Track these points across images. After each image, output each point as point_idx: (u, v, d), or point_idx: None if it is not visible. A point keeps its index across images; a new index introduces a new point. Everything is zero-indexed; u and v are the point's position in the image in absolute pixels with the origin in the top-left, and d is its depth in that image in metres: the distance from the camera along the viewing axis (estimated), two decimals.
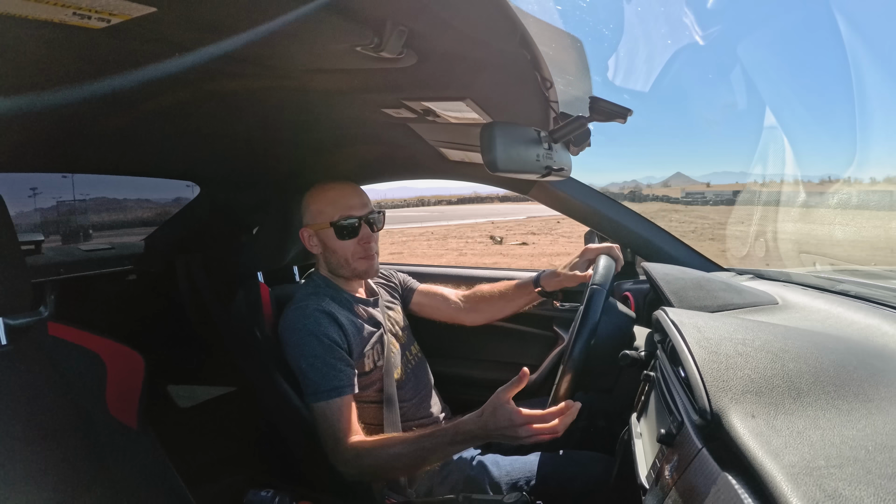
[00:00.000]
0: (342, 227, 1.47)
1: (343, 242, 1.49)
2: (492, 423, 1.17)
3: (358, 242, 1.49)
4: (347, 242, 1.49)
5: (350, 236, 1.48)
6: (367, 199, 1.53)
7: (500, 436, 1.16)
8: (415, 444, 1.25)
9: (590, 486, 1.37)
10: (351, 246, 1.49)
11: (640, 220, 1.88)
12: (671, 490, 0.77)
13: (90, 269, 1.93)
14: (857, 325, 1.08)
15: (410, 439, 1.26)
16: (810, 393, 0.75)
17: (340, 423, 1.32)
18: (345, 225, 1.47)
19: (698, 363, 0.81)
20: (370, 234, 1.51)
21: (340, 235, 1.48)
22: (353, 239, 1.49)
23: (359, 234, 1.49)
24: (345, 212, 1.47)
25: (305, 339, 1.38)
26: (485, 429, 1.18)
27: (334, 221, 1.47)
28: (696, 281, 1.40)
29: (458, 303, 1.83)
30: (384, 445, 1.28)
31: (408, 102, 1.09)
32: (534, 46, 0.76)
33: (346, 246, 1.49)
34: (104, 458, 0.96)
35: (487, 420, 1.18)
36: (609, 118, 0.97)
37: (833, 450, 0.61)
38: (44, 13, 0.60)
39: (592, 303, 1.27)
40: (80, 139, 1.25)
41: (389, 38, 0.73)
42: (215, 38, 0.76)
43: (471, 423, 1.20)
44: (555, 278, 1.70)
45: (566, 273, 1.66)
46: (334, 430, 1.32)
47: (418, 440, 1.25)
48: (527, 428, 1.14)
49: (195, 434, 1.97)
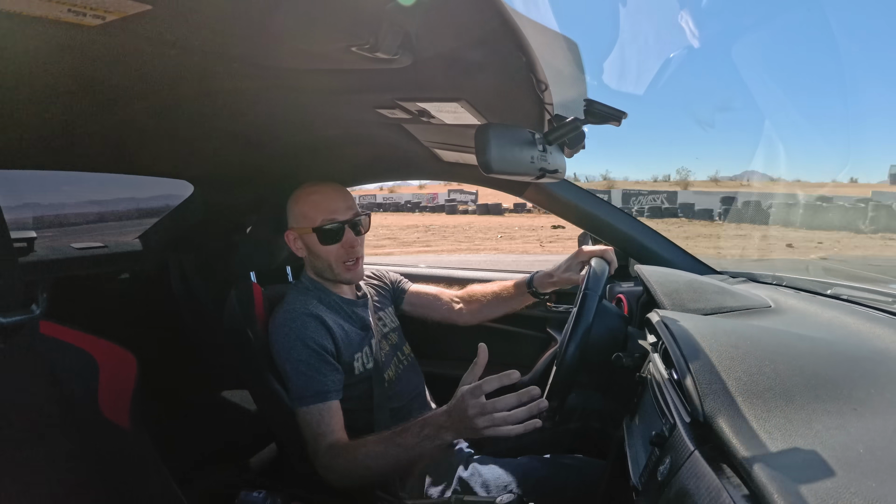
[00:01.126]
0: (325, 232, 1.46)
1: (326, 247, 1.48)
2: (457, 411, 1.16)
3: (342, 247, 1.48)
4: (331, 247, 1.48)
5: (333, 241, 1.47)
6: (352, 201, 1.51)
7: (466, 426, 1.15)
8: (388, 441, 1.24)
9: (583, 487, 1.37)
10: (335, 250, 1.48)
11: (633, 223, 1.89)
12: (663, 491, 0.77)
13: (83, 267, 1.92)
14: (849, 328, 1.09)
15: (384, 437, 1.26)
16: (802, 396, 0.75)
17: (321, 428, 1.32)
18: (328, 229, 1.46)
19: (690, 366, 0.82)
20: (354, 238, 1.49)
21: (323, 240, 1.47)
22: (337, 244, 1.48)
23: (342, 239, 1.48)
24: (328, 216, 1.46)
25: (292, 343, 1.38)
26: (451, 418, 1.17)
27: (317, 226, 1.46)
28: (689, 284, 1.40)
29: (450, 303, 1.83)
30: (358, 445, 1.28)
31: (402, 103, 1.09)
32: (529, 48, 0.76)
33: (330, 251, 1.48)
34: (96, 459, 0.96)
35: (453, 408, 1.17)
36: (604, 121, 0.97)
37: (824, 453, 0.62)
38: (38, 10, 0.60)
39: (586, 305, 1.27)
40: (72, 137, 1.24)
41: (385, 38, 0.73)
42: (210, 36, 0.76)
43: (440, 415, 1.20)
44: (548, 279, 1.70)
45: (560, 275, 1.66)
46: (315, 436, 1.32)
47: (391, 437, 1.24)
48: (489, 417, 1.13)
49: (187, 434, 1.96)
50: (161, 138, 1.34)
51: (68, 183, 1.82)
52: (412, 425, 1.23)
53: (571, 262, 1.66)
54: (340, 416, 1.36)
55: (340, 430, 1.34)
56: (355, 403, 1.43)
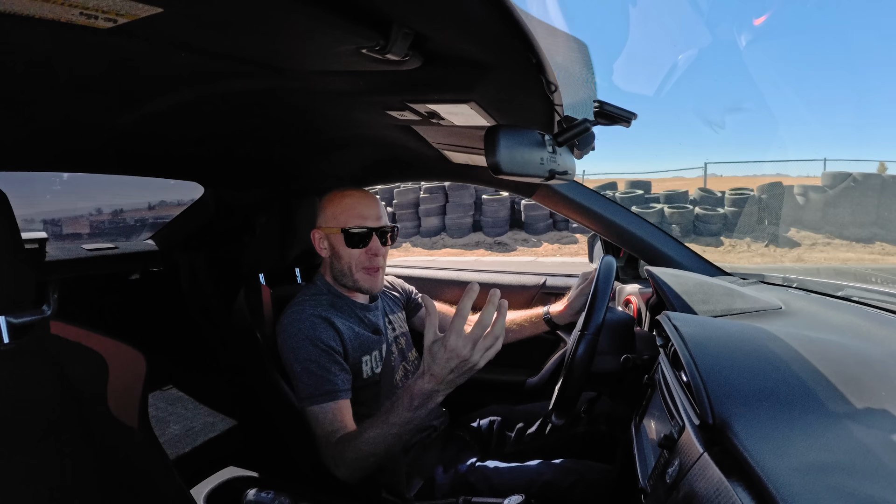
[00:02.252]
0: (352, 234, 1.48)
1: (351, 250, 1.49)
2: (436, 368, 1.12)
3: (365, 252, 1.49)
4: (355, 251, 1.49)
5: (359, 245, 1.49)
6: (383, 212, 1.54)
7: (453, 376, 1.12)
8: (382, 421, 1.22)
9: (590, 491, 1.37)
10: (357, 255, 1.49)
11: (643, 225, 1.88)
12: (672, 494, 0.77)
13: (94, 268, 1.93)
14: (860, 330, 1.08)
15: (378, 419, 1.23)
16: (812, 399, 0.75)
17: (334, 426, 1.32)
18: (355, 233, 1.48)
19: (700, 368, 0.81)
20: (379, 246, 1.51)
21: (350, 242, 1.48)
22: (362, 248, 1.49)
23: (368, 245, 1.49)
24: (358, 220, 1.48)
25: (301, 343, 1.38)
26: (434, 377, 1.13)
27: (346, 227, 1.48)
28: (700, 286, 1.40)
29: None
30: (358, 434, 1.27)
31: (412, 105, 1.09)
32: (539, 50, 0.76)
33: (353, 254, 1.49)
34: (105, 458, 0.96)
35: (431, 366, 1.13)
36: (614, 122, 0.97)
37: (833, 456, 0.61)
38: (51, 13, 0.60)
39: (595, 307, 1.27)
40: (85, 139, 1.25)
41: (395, 40, 0.73)
42: (221, 39, 0.77)
43: (420, 380, 1.16)
44: (569, 313, 1.73)
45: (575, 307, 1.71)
46: (327, 434, 1.32)
47: (384, 416, 1.22)
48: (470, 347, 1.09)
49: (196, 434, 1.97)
50: (172, 140, 1.35)
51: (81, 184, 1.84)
52: (398, 402, 1.20)
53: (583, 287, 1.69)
54: (351, 414, 1.36)
55: (352, 428, 1.34)
56: (362, 409, 1.43)
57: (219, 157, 1.59)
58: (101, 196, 2.50)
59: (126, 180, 1.79)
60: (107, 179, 1.86)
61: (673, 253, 1.85)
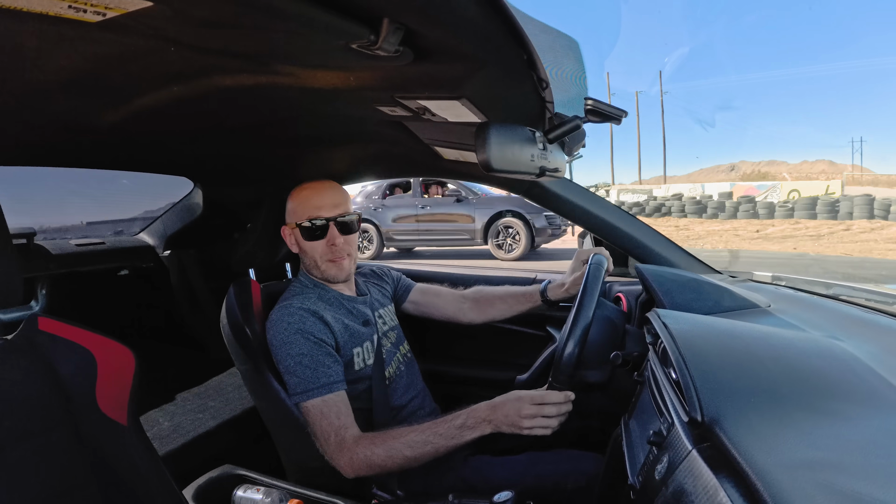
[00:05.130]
0: (307, 229, 1.48)
1: (311, 243, 1.49)
2: (507, 409, 1.25)
3: (325, 243, 1.49)
4: (315, 243, 1.49)
5: (316, 237, 1.48)
6: (342, 199, 1.52)
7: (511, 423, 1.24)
8: (427, 430, 1.28)
9: (581, 485, 1.38)
10: (319, 247, 1.49)
11: (634, 222, 1.89)
12: (661, 490, 0.77)
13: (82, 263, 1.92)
14: (847, 329, 1.09)
15: (423, 427, 1.29)
16: (799, 397, 0.75)
17: (340, 419, 1.32)
18: (309, 226, 1.47)
19: (689, 365, 0.82)
20: (337, 234, 1.49)
21: (307, 236, 1.48)
22: (321, 240, 1.48)
23: (326, 236, 1.48)
24: (313, 212, 1.47)
25: (291, 337, 1.37)
26: (496, 412, 1.25)
27: (300, 222, 1.48)
28: (689, 283, 1.40)
29: (457, 302, 1.82)
30: (395, 436, 1.29)
31: (403, 100, 1.08)
32: (530, 46, 0.76)
33: (314, 247, 1.49)
34: (94, 456, 0.96)
35: (501, 405, 1.26)
36: (604, 119, 0.98)
37: (820, 453, 0.62)
38: (38, 6, 0.60)
39: (584, 303, 1.27)
40: (74, 134, 1.24)
41: (386, 35, 0.72)
42: (211, 34, 0.76)
43: (484, 408, 1.27)
44: (561, 289, 1.71)
45: (571, 283, 1.69)
46: (335, 427, 1.31)
47: (430, 426, 1.29)
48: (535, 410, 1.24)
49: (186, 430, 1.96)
50: (161, 135, 1.34)
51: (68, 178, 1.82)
52: (452, 416, 1.28)
53: (576, 265, 1.67)
54: (349, 405, 1.36)
55: (354, 421, 1.34)
56: (356, 403, 1.42)
57: (208, 153, 1.58)
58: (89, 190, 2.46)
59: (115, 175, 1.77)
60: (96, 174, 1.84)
61: (663, 250, 1.86)
